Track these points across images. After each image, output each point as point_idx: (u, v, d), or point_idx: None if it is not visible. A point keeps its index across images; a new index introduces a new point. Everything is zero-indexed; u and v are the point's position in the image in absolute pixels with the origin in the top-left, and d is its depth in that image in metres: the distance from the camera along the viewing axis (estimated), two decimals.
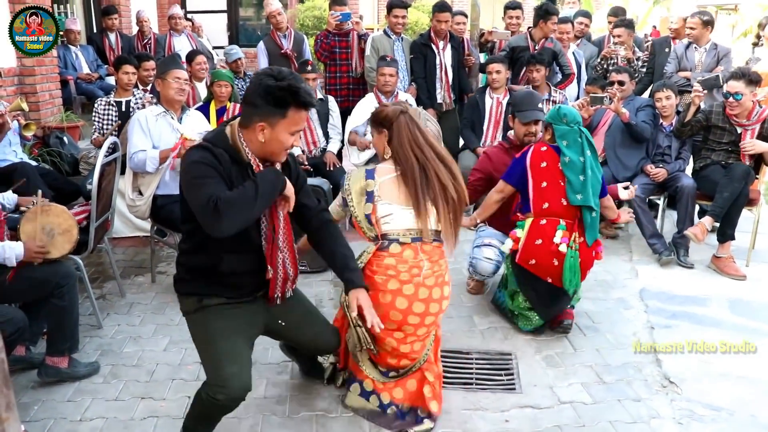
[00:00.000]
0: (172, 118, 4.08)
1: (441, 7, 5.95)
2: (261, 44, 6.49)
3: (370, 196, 2.75)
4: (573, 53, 6.27)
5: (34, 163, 4.71)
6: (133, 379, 3.19)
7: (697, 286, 4.39)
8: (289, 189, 2.40)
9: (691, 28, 5.92)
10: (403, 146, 2.71)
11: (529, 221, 3.57)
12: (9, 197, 3.49)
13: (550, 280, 3.50)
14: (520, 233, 3.57)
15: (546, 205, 3.54)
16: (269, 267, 2.48)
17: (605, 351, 3.50)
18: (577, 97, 5.96)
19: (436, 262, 2.75)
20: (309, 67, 5.40)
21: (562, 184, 3.52)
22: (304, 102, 2.29)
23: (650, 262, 4.80)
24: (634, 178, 4.97)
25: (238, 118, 2.40)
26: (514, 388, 3.14)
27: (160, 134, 3.99)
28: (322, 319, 2.89)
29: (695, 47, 5.95)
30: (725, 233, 4.67)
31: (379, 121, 2.82)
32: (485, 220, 3.98)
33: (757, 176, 4.86)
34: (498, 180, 3.84)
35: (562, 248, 3.45)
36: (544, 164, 3.58)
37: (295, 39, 6.51)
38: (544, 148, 3.63)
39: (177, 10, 7.55)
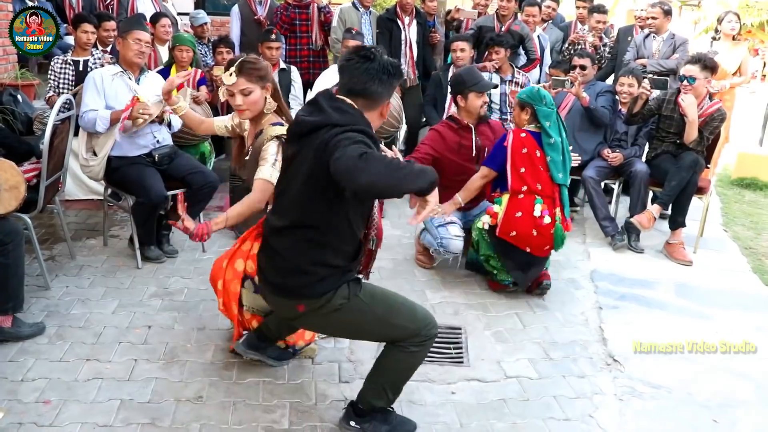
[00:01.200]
0: (130, 78, 3.99)
1: None
2: (235, 8, 6.38)
3: None
4: (538, 36, 6.30)
5: None
6: (79, 340, 3.15)
7: (646, 270, 4.49)
8: (433, 197, 2.12)
9: (654, 18, 6.01)
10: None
11: (506, 197, 3.77)
12: None
13: (528, 250, 3.74)
14: (498, 208, 3.78)
15: (524, 188, 3.75)
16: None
17: (553, 329, 3.57)
18: (539, 81, 6.01)
19: None
20: (273, 36, 5.32)
21: (541, 168, 3.74)
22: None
23: (602, 245, 4.89)
24: (590, 162, 5.05)
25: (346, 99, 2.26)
26: (462, 362, 3.18)
27: (116, 94, 3.89)
28: None
29: (654, 36, 6.04)
30: (676, 220, 4.77)
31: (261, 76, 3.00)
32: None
33: (708, 165, 4.97)
34: (448, 160, 4.13)
35: (546, 220, 3.70)
36: (524, 150, 3.77)
37: (270, 7, 6.40)
38: (524, 134, 3.79)
39: None
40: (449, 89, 4.68)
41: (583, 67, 5.28)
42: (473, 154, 4.20)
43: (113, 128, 3.86)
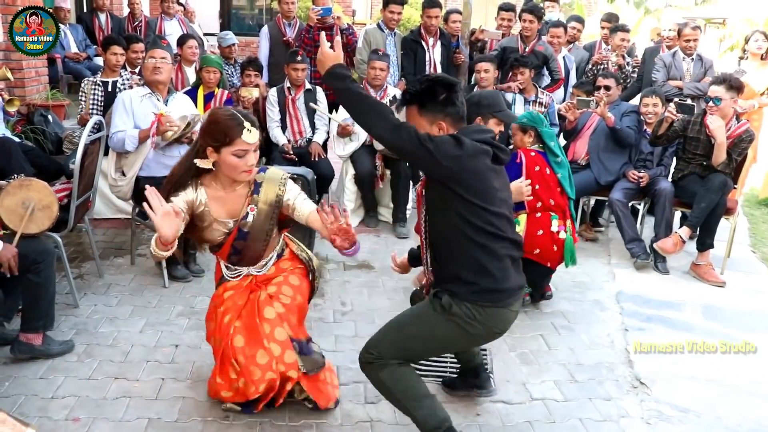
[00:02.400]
0: (158, 99, 4.07)
1: (431, 3, 5.97)
2: (265, 29, 6.47)
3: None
4: (563, 58, 6.31)
5: (17, 139, 4.67)
6: (107, 359, 3.19)
7: (673, 291, 4.45)
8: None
9: (695, 40, 5.90)
10: None
11: (524, 217, 3.78)
12: None
13: (549, 265, 3.82)
14: (518, 229, 3.75)
15: (539, 204, 3.78)
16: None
17: (579, 350, 3.55)
18: (564, 101, 6.01)
19: None
20: (299, 57, 5.39)
21: (552, 184, 3.78)
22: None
23: (628, 265, 4.85)
24: (616, 183, 5.02)
25: None
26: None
27: (145, 115, 3.97)
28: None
29: (682, 57, 5.99)
30: (704, 242, 4.73)
31: None
32: None
33: (735, 186, 4.92)
34: None
35: (562, 235, 3.78)
36: (537, 168, 3.78)
37: (299, 28, 6.47)
38: (533, 153, 3.81)
39: None
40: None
41: (607, 88, 5.27)
42: None
43: (142, 148, 3.93)
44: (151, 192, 2.25)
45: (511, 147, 4.02)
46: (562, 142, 5.64)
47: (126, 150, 3.92)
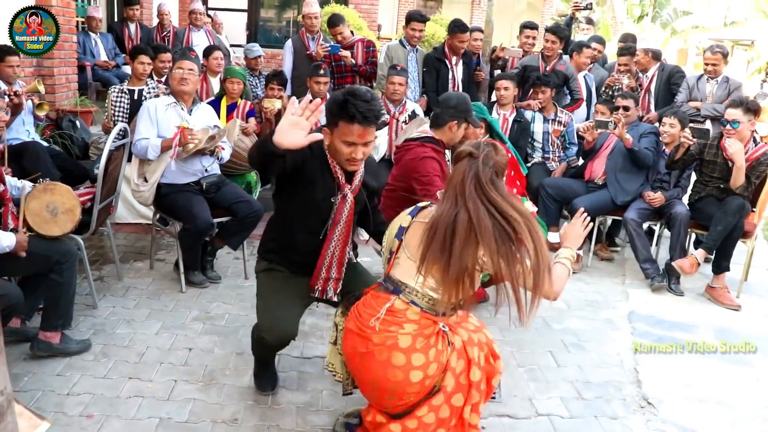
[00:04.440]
0: (182, 109, 4.17)
1: (462, 28, 6.05)
2: (289, 42, 6.57)
3: (399, 232, 2.41)
4: (584, 77, 6.34)
5: (45, 143, 4.81)
6: (122, 359, 3.27)
7: (686, 313, 4.44)
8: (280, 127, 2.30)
9: (714, 64, 5.91)
10: (448, 192, 2.28)
11: None
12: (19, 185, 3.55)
13: None
14: None
15: (515, 191, 3.92)
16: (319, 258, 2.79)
17: (588, 368, 3.56)
18: (587, 119, 6.03)
19: (399, 324, 2.26)
20: (321, 71, 5.48)
21: (518, 169, 4.02)
22: (350, 115, 2.47)
23: (642, 285, 4.85)
24: (632, 203, 5.03)
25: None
26: (494, 397, 3.19)
27: (168, 124, 4.07)
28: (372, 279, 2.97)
29: (707, 79, 5.98)
30: (720, 264, 4.72)
31: (455, 155, 2.44)
32: None
33: (753, 209, 4.90)
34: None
35: (533, 210, 3.86)
36: (512, 173, 3.90)
37: (323, 42, 6.57)
38: (509, 155, 3.90)
39: (198, 5, 7.67)
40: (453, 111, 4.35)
41: (626, 108, 5.28)
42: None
43: (164, 156, 4.03)
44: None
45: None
46: (580, 161, 5.68)
47: (148, 158, 4.03)
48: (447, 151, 4.02)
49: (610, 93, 6.13)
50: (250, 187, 5.25)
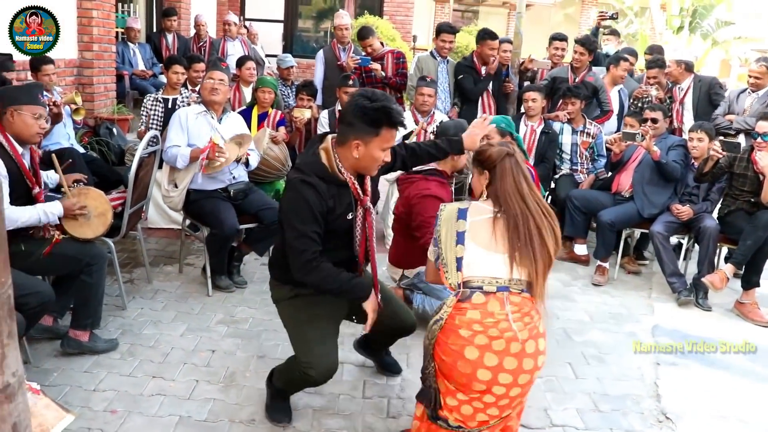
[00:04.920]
0: (212, 117, 4.29)
1: (492, 35, 6.13)
2: (320, 53, 6.69)
3: (460, 237, 2.38)
4: (618, 91, 6.29)
5: (82, 150, 4.98)
6: (147, 359, 3.38)
7: (713, 329, 4.37)
8: (370, 305, 2.70)
9: (757, 78, 5.82)
10: (506, 194, 2.39)
11: None
12: (52, 176, 3.72)
13: None
14: None
15: None
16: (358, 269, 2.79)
17: (606, 381, 3.54)
18: (618, 130, 5.99)
19: (528, 314, 2.33)
20: (350, 82, 5.57)
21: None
22: (396, 121, 2.50)
23: (669, 300, 4.81)
24: (659, 216, 4.99)
25: (328, 141, 2.60)
26: None
27: (199, 132, 4.19)
28: (398, 300, 3.15)
29: (749, 92, 5.89)
30: (750, 280, 4.65)
31: (480, 161, 2.51)
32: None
33: None
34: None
35: None
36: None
37: (354, 53, 6.68)
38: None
39: (231, 16, 7.86)
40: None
41: (654, 120, 5.24)
42: None
43: (193, 164, 4.15)
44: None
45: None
46: (609, 173, 5.65)
47: (176, 166, 4.15)
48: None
49: (639, 105, 6.09)
50: (279, 195, 5.35)
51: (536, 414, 3.16)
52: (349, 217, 2.65)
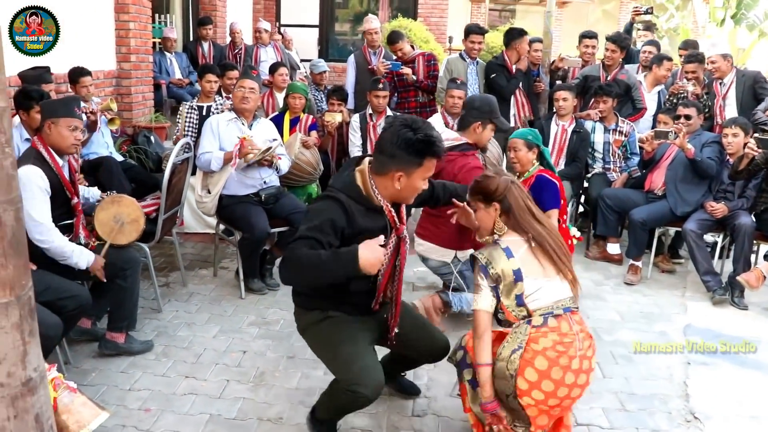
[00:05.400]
0: (243, 124, 4.40)
1: (521, 32, 6.14)
2: (351, 57, 6.78)
3: (518, 275, 2.51)
4: (658, 92, 6.20)
5: (120, 158, 5.15)
6: (181, 359, 3.50)
7: (748, 328, 4.29)
8: (366, 256, 2.27)
9: None
10: (525, 220, 2.58)
11: None
12: (94, 193, 3.86)
13: None
14: None
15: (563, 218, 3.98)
16: (377, 296, 2.67)
17: (634, 380, 3.53)
18: (653, 128, 5.91)
19: (588, 334, 2.57)
20: (380, 85, 5.63)
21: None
22: (439, 151, 2.46)
23: (703, 299, 4.74)
24: (692, 214, 4.93)
25: (365, 164, 2.51)
26: None
27: (230, 138, 4.31)
28: (431, 325, 3.06)
29: None
30: None
31: (488, 194, 2.62)
32: None
33: None
34: None
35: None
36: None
37: (384, 57, 6.74)
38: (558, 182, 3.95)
39: (262, 23, 8.01)
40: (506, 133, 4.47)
41: (688, 117, 5.17)
42: None
43: (226, 168, 4.27)
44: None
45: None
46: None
47: (211, 170, 4.28)
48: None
49: (674, 101, 6.00)
50: (311, 199, 5.44)
51: None
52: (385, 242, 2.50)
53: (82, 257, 3.19)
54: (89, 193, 3.78)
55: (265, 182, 4.43)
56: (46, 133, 3.22)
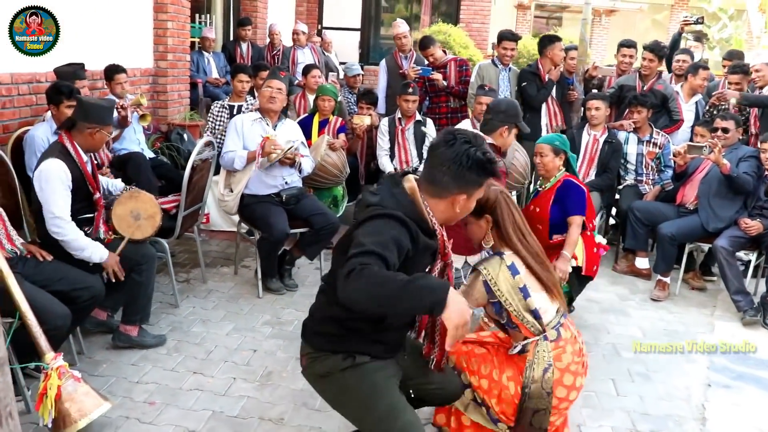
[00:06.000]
0: (267, 124, 4.44)
1: (553, 38, 6.07)
2: (383, 62, 6.79)
3: (525, 292, 2.50)
4: (696, 103, 6.05)
5: (151, 154, 5.24)
6: (191, 355, 3.54)
7: None
8: (453, 314, 1.85)
9: None
10: (514, 229, 2.55)
11: (580, 242, 3.88)
12: (118, 185, 3.95)
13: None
14: (578, 252, 3.87)
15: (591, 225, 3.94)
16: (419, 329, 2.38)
17: (649, 400, 3.43)
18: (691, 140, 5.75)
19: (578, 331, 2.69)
20: (410, 90, 5.61)
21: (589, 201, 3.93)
22: (496, 170, 2.21)
23: (732, 319, 4.58)
24: (724, 230, 4.77)
25: (412, 182, 2.18)
26: None
27: (253, 138, 4.35)
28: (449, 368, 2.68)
29: None
30: None
31: (480, 206, 2.44)
32: None
33: None
34: None
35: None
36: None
37: (416, 61, 6.72)
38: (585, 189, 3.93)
39: (300, 26, 8.06)
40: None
41: (725, 130, 5.01)
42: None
43: (248, 167, 4.31)
44: None
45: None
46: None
47: (235, 168, 4.32)
48: None
49: (713, 113, 5.83)
50: (336, 201, 5.45)
51: (569, 430, 3.09)
52: (427, 269, 2.28)
53: (95, 253, 3.25)
54: (112, 185, 3.85)
55: (286, 183, 4.45)
56: (81, 134, 3.30)
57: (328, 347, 2.26)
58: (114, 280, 3.33)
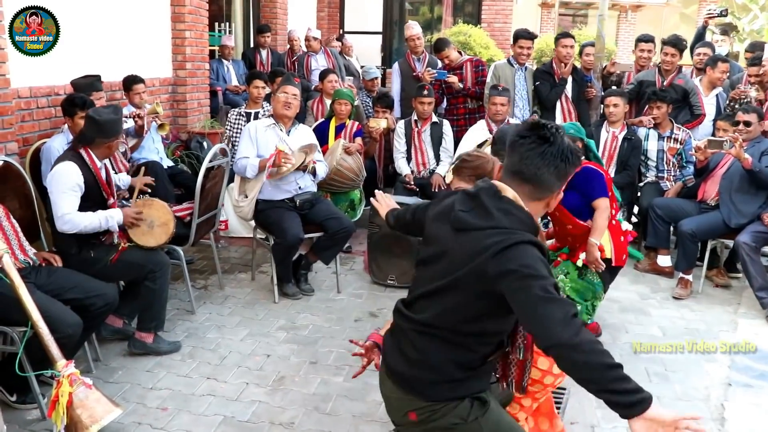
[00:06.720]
0: (281, 130, 4.47)
1: (564, 34, 6.03)
2: (396, 65, 6.80)
3: None
4: (716, 96, 5.94)
5: (170, 163, 5.31)
6: (205, 361, 3.58)
7: None
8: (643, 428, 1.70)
9: None
10: None
11: (606, 233, 3.78)
12: (125, 179, 4.02)
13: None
14: (605, 242, 3.77)
15: (613, 212, 3.83)
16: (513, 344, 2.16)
17: (666, 400, 3.36)
18: (713, 135, 5.65)
19: None
20: (425, 92, 5.60)
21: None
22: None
23: (757, 317, 4.47)
24: (747, 226, 4.67)
25: (508, 190, 1.92)
26: (558, 408, 3.11)
27: (267, 144, 4.38)
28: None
29: None
30: None
31: (481, 176, 2.38)
32: None
33: None
34: None
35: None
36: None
37: (429, 63, 6.71)
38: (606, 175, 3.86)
39: (311, 32, 8.06)
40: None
41: (747, 124, 4.90)
42: None
43: (262, 174, 4.34)
44: None
45: None
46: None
47: (247, 176, 4.36)
48: None
49: (735, 106, 5.71)
50: (354, 205, 5.46)
51: (582, 431, 3.06)
52: None
53: (111, 218, 3.37)
54: (120, 180, 3.92)
55: (300, 188, 4.48)
56: (98, 148, 3.38)
57: (451, 395, 1.97)
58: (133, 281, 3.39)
